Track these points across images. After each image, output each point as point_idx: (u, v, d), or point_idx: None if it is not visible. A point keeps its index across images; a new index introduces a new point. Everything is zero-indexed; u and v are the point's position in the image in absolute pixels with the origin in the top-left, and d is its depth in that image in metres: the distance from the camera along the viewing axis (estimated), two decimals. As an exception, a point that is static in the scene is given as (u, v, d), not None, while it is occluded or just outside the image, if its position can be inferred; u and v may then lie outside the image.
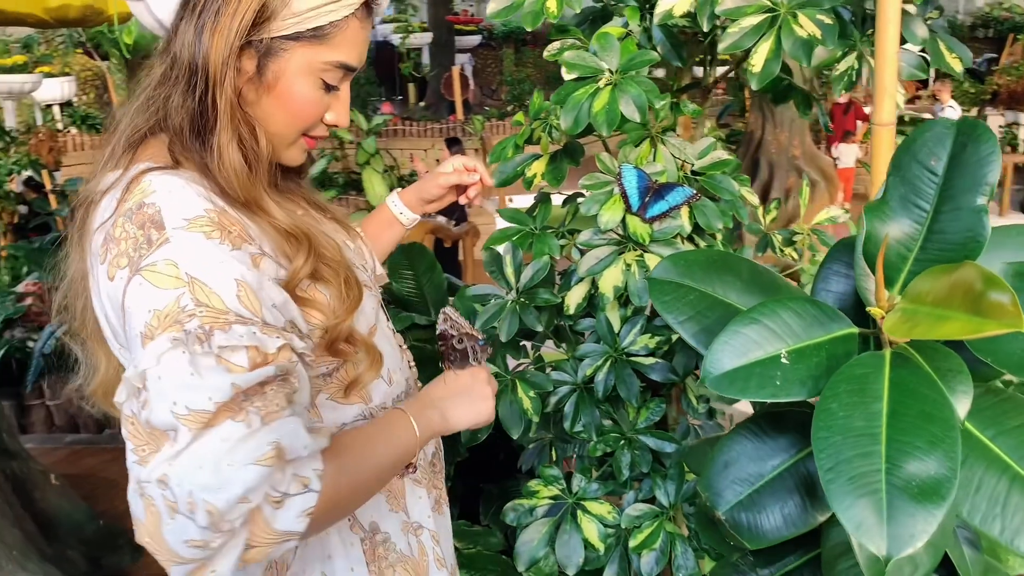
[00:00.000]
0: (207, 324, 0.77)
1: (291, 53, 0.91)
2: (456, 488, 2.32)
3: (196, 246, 0.81)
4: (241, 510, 0.75)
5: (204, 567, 0.76)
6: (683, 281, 0.94)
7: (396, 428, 0.97)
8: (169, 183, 0.85)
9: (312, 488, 0.80)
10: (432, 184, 1.25)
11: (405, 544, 1.07)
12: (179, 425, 0.74)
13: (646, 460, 1.33)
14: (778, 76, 1.36)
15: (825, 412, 0.72)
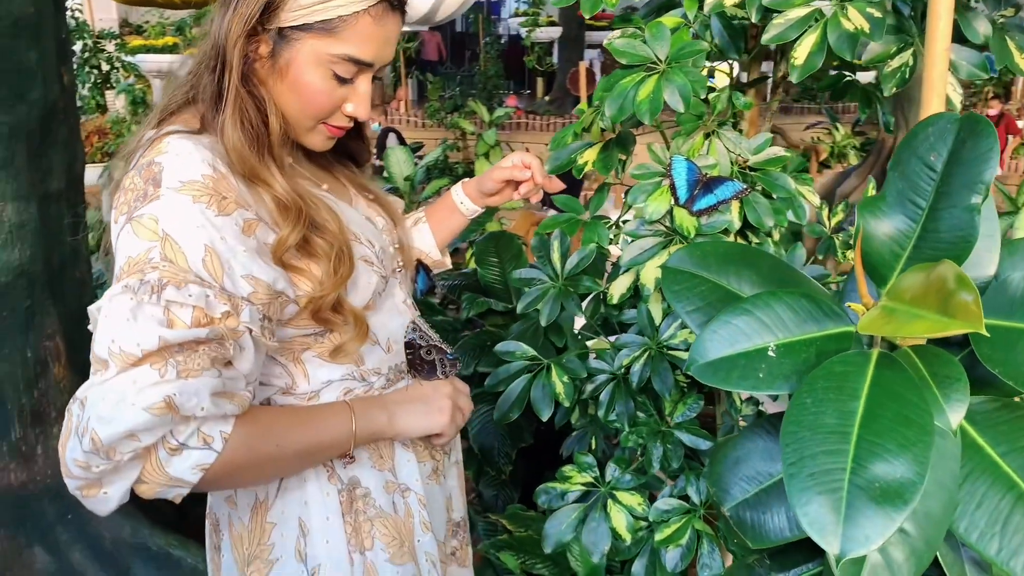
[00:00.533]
0: (165, 278, 0.85)
1: (302, 43, 0.96)
2: (518, 472, 2.35)
3: (180, 207, 0.88)
4: (129, 446, 0.82)
5: (96, 487, 0.85)
6: (697, 271, 0.93)
7: (333, 418, 1.02)
8: (181, 146, 0.92)
9: (213, 447, 0.87)
10: (488, 178, 1.29)
11: (388, 502, 1.10)
12: (110, 360, 0.83)
13: (678, 455, 1.32)
14: (839, 73, 1.32)
15: (798, 406, 0.70)
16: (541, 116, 10.54)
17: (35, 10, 1.96)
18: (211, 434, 0.87)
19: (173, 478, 0.85)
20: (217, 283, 0.88)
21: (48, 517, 2.14)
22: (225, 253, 0.89)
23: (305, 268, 0.97)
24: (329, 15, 0.95)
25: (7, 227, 2.00)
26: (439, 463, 1.21)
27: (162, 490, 0.87)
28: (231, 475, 0.92)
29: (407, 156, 5.11)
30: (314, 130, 1.05)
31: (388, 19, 0.99)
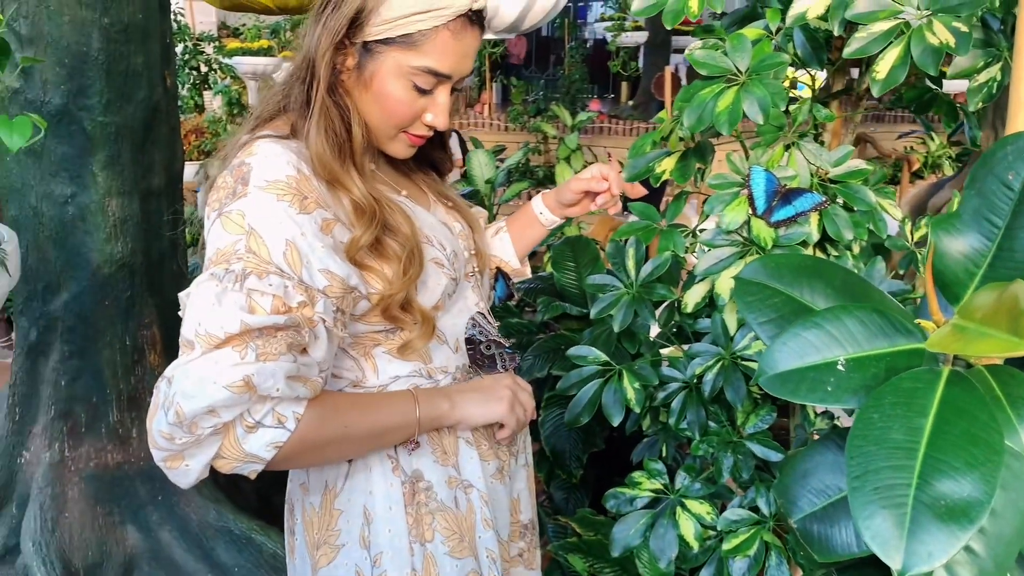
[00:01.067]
0: (248, 268, 0.92)
1: (385, 55, 1.02)
2: (589, 476, 2.37)
3: (265, 204, 0.95)
4: (210, 421, 0.89)
5: (179, 459, 0.92)
6: (770, 283, 0.94)
7: (397, 403, 1.07)
8: (270, 149, 1.00)
9: (286, 427, 0.93)
10: (567, 189, 1.32)
11: (450, 497, 1.14)
12: (195, 342, 0.90)
13: (748, 466, 1.32)
14: (924, 86, 1.30)
15: (864, 420, 0.71)
16: (624, 120, 10.48)
17: (143, 16, 2.08)
18: (285, 414, 0.93)
19: (249, 454, 0.92)
20: (296, 275, 0.95)
21: (140, 497, 2.26)
22: (304, 248, 0.95)
23: (377, 267, 1.03)
24: (410, 29, 1.00)
25: (111, 221, 2.12)
26: (504, 463, 1.23)
27: (238, 465, 0.93)
28: (302, 453, 0.97)
29: (488, 159, 5.17)
30: (396, 138, 1.10)
31: (466, 33, 1.04)
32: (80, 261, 2.13)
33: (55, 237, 2.11)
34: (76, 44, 1.97)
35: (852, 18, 1.06)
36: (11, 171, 2.09)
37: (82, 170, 2.07)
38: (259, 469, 0.95)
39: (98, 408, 2.23)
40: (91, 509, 2.21)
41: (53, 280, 2.15)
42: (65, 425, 2.22)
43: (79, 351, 2.19)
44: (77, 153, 2.05)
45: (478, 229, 1.29)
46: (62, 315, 2.16)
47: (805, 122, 1.32)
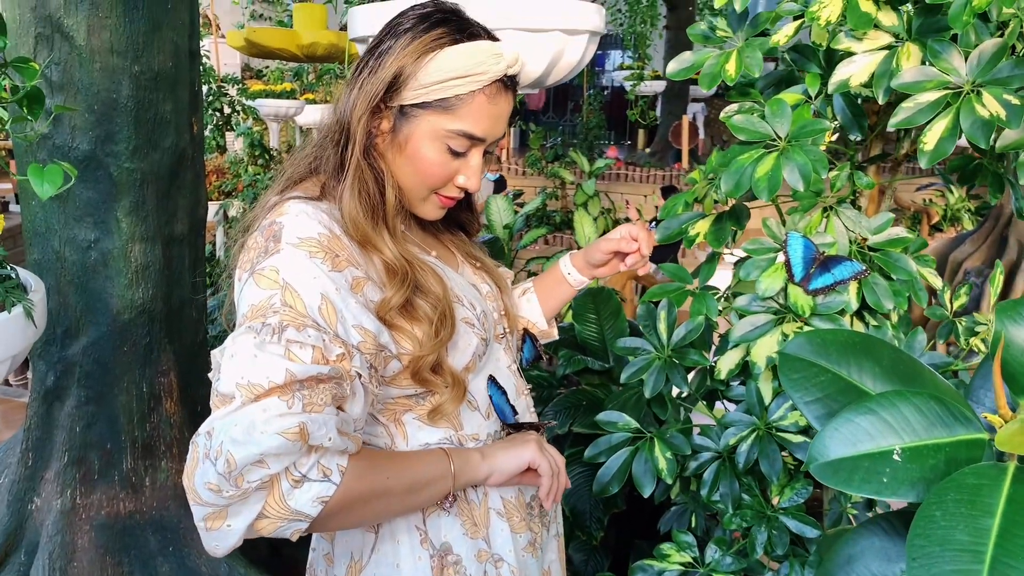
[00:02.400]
0: (285, 321, 0.91)
1: (420, 119, 1.03)
2: (609, 539, 2.31)
3: (298, 260, 0.95)
4: (258, 474, 0.85)
5: (220, 518, 0.87)
6: (816, 360, 0.90)
7: (431, 457, 1.04)
8: (301, 209, 1.00)
9: (332, 480, 0.90)
10: (596, 250, 1.29)
11: (479, 571, 1.11)
12: (236, 393, 0.86)
13: (783, 542, 1.27)
14: (968, 155, 1.28)
15: (926, 519, 0.67)
16: (642, 167, 10.53)
17: (173, 64, 2.09)
18: (330, 467, 0.90)
19: (294, 511, 0.88)
20: (332, 329, 0.93)
21: (151, 548, 2.21)
22: (338, 303, 0.94)
23: (408, 328, 1.02)
24: (447, 94, 1.01)
25: (133, 267, 2.11)
26: (537, 535, 1.20)
27: (282, 525, 0.89)
28: (346, 509, 0.93)
29: (507, 204, 5.16)
30: (428, 200, 1.10)
31: (501, 97, 1.05)
32: (100, 306, 2.11)
33: (76, 282, 2.09)
34: (106, 91, 1.98)
35: (898, 87, 1.04)
36: (36, 215, 2.09)
37: (106, 216, 2.06)
38: (303, 528, 0.90)
39: (112, 455, 2.20)
40: (100, 559, 2.17)
41: (72, 325, 2.13)
42: (78, 472, 2.19)
43: (96, 397, 2.17)
44: (102, 199, 2.05)
45: (506, 289, 1.27)
46: (80, 360, 2.14)
47: (844, 188, 1.30)
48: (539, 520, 1.21)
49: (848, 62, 1.14)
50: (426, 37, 1.02)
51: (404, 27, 1.04)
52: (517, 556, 1.14)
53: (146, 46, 2.01)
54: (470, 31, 1.04)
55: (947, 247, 5.74)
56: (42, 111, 1.32)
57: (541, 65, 1.79)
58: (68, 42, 1.95)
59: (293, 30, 3.60)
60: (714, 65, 1.27)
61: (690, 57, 1.32)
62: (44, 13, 1.93)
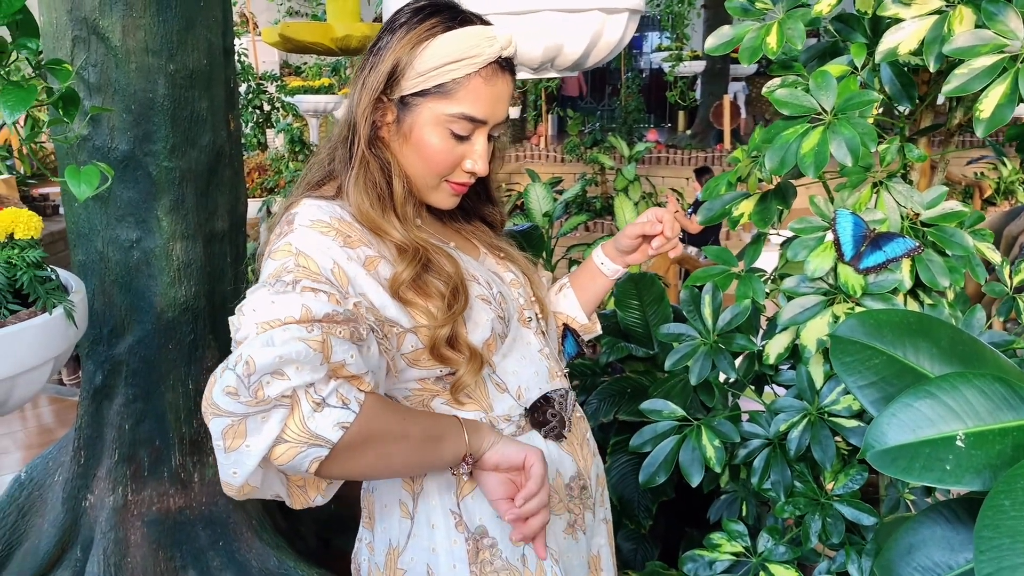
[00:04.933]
0: (299, 277, 0.93)
1: (421, 107, 1.06)
2: (659, 527, 2.27)
3: (311, 236, 0.99)
4: (277, 386, 0.83)
5: (239, 435, 0.84)
6: (870, 342, 0.86)
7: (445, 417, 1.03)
8: (314, 203, 1.04)
9: (351, 408, 0.88)
10: (623, 236, 1.27)
11: (516, 555, 1.10)
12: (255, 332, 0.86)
13: (838, 530, 1.23)
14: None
15: (994, 508, 0.63)
16: (682, 150, 10.39)
17: (207, 63, 2.09)
18: (348, 396, 0.89)
19: (315, 434, 0.86)
20: (344, 288, 0.96)
21: (201, 542, 2.23)
22: (349, 270, 0.98)
23: (422, 304, 1.03)
24: (444, 79, 1.04)
25: (175, 265, 2.13)
26: (578, 516, 1.19)
27: (303, 451, 0.86)
28: (365, 443, 0.91)
29: (546, 192, 5.13)
30: (438, 188, 1.12)
31: (498, 79, 1.07)
32: (144, 305, 2.13)
33: (120, 281, 2.12)
34: (143, 91, 1.99)
35: (951, 53, 0.99)
36: (79, 216, 2.11)
37: (147, 215, 2.08)
38: (323, 456, 0.88)
39: (161, 452, 2.22)
40: (153, 554, 2.20)
41: (118, 324, 2.15)
42: (128, 469, 2.21)
43: (143, 394, 2.19)
44: (142, 198, 2.06)
45: (535, 280, 1.27)
46: (127, 359, 2.17)
47: (894, 162, 1.24)
48: (579, 501, 1.19)
49: (896, 29, 1.08)
50: (420, 28, 1.05)
51: (400, 22, 1.07)
52: (555, 538, 1.14)
53: (180, 45, 2.01)
54: (462, 17, 1.07)
55: (1002, 221, 5.57)
56: (77, 112, 1.32)
57: (581, 46, 1.75)
58: (104, 43, 1.96)
59: (326, 24, 3.61)
60: (754, 39, 1.23)
61: (729, 31, 1.27)
62: (80, 15, 1.95)
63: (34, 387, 1.16)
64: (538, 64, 1.69)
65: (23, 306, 1.15)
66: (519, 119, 11.76)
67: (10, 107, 1.18)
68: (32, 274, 1.15)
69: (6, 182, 3.73)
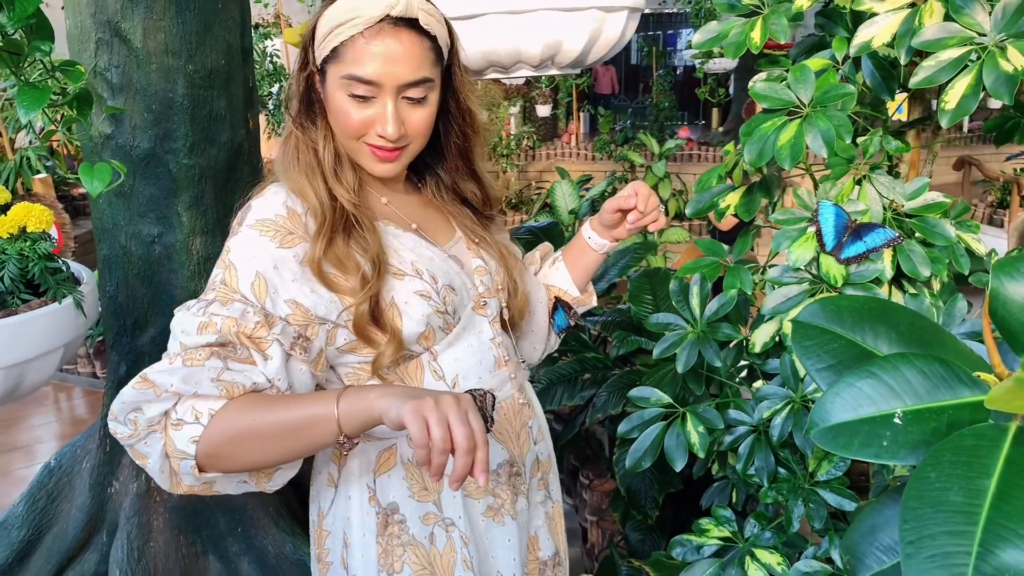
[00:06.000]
0: (219, 297, 1.03)
1: (328, 75, 1.11)
2: (666, 518, 2.30)
3: (247, 240, 1.06)
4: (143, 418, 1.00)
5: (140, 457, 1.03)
6: (830, 327, 0.89)
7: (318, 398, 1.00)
8: (274, 189, 1.12)
9: (200, 422, 0.98)
10: (604, 211, 1.29)
11: (424, 533, 1.17)
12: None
13: (821, 515, 1.25)
14: (1005, 114, 1.23)
15: (920, 480, 0.65)
16: (715, 147, 10.33)
17: (226, 62, 2.16)
18: (201, 411, 0.99)
19: (180, 450, 0.99)
20: (260, 303, 1.04)
21: (221, 528, 2.30)
22: (273, 279, 1.05)
23: (343, 282, 1.08)
24: (335, 43, 1.07)
25: (195, 260, 2.20)
26: (504, 501, 1.23)
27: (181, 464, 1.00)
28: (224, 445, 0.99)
29: (572, 189, 5.15)
30: (359, 152, 1.14)
31: (387, 38, 1.06)
32: (166, 298, 2.20)
33: (143, 275, 2.19)
34: (163, 91, 2.06)
35: (919, 46, 1.01)
36: (103, 212, 2.19)
37: (168, 211, 2.15)
38: (193, 466, 1.00)
39: (182, 440, 2.30)
40: (175, 539, 2.27)
41: (141, 316, 2.23)
42: (151, 456, 2.29)
43: (165, 385, 2.27)
44: (163, 195, 2.14)
45: (511, 264, 1.29)
46: (149, 350, 2.24)
47: (877, 154, 1.26)
48: (509, 487, 1.23)
49: (870, 23, 1.10)
50: (326, 3, 1.10)
51: None
52: (471, 521, 1.19)
53: (199, 45, 2.08)
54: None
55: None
56: (90, 112, 1.38)
57: (579, 44, 1.78)
58: (126, 45, 2.03)
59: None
60: (739, 34, 1.26)
61: (716, 27, 1.30)
62: (103, 18, 2.02)
63: (45, 373, 1.22)
64: (538, 62, 1.73)
65: (35, 296, 1.22)
66: (550, 117, 11.77)
67: (26, 106, 1.24)
68: (43, 265, 1.21)
69: (43, 181, 3.84)
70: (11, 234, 1.17)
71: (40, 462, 3.53)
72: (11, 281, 1.17)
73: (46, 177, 4.00)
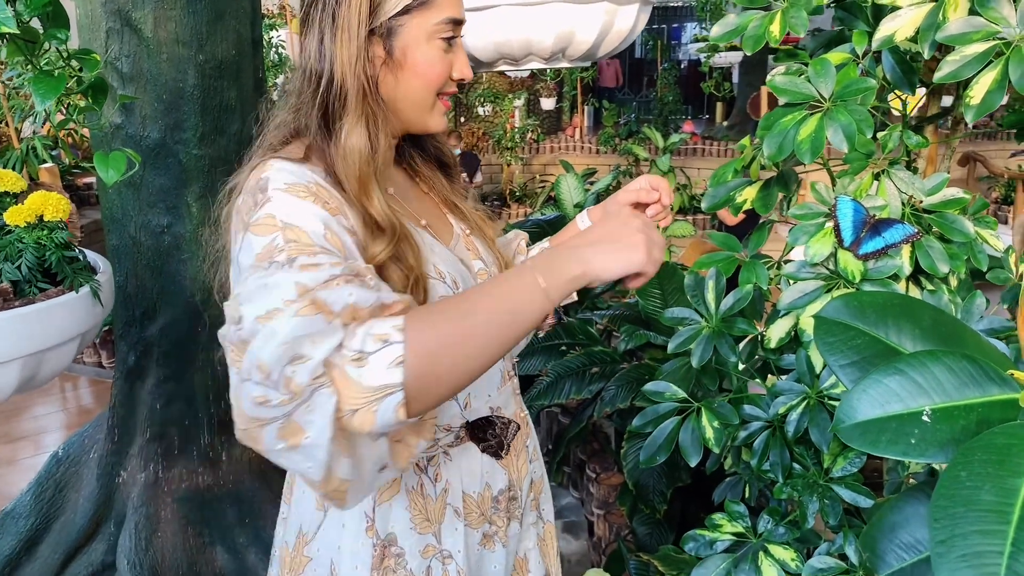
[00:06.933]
0: (293, 254, 0.84)
1: (407, 27, 1.00)
2: (674, 512, 2.30)
3: (290, 202, 0.90)
4: (304, 370, 0.76)
5: (294, 433, 0.77)
6: (853, 323, 0.89)
7: (515, 279, 0.89)
8: (285, 165, 0.95)
9: (393, 340, 0.78)
10: (614, 201, 1.25)
11: (422, 567, 1.10)
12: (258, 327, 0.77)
13: (836, 512, 1.25)
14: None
15: (951, 479, 0.65)
16: (719, 141, 10.32)
17: (236, 53, 2.15)
18: (383, 332, 0.79)
19: (376, 387, 0.77)
20: (341, 254, 0.89)
21: (228, 519, 2.31)
22: (340, 233, 0.91)
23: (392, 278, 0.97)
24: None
25: (205, 250, 2.19)
26: (499, 529, 1.19)
27: (379, 409, 0.78)
28: (431, 362, 0.80)
29: (578, 182, 5.14)
30: (433, 108, 1.07)
31: None
32: (175, 288, 2.20)
33: (152, 265, 2.19)
34: (173, 81, 2.06)
35: (943, 40, 1.00)
36: (112, 202, 2.19)
37: (178, 201, 2.15)
38: (400, 401, 0.78)
39: (190, 431, 2.30)
40: (183, 530, 2.28)
41: (150, 307, 2.23)
42: (159, 447, 2.29)
43: (173, 375, 2.27)
44: (173, 185, 2.13)
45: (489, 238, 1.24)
46: (158, 340, 2.25)
47: (896, 149, 1.25)
48: (504, 513, 1.19)
49: (893, 16, 1.10)
50: None
51: None
52: (468, 554, 1.13)
53: (209, 36, 2.08)
54: None
55: (1042, 213, 5.46)
56: (105, 100, 1.38)
57: (591, 36, 1.78)
58: (136, 35, 2.03)
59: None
60: (758, 27, 1.24)
61: (734, 20, 1.29)
62: (114, 7, 2.02)
63: (62, 362, 1.22)
64: (549, 54, 1.72)
65: (52, 285, 1.22)
66: (555, 110, 11.75)
67: (42, 95, 1.24)
68: (60, 254, 1.21)
69: (49, 171, 3.84)
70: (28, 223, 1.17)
71: (46, 452, 3.54)
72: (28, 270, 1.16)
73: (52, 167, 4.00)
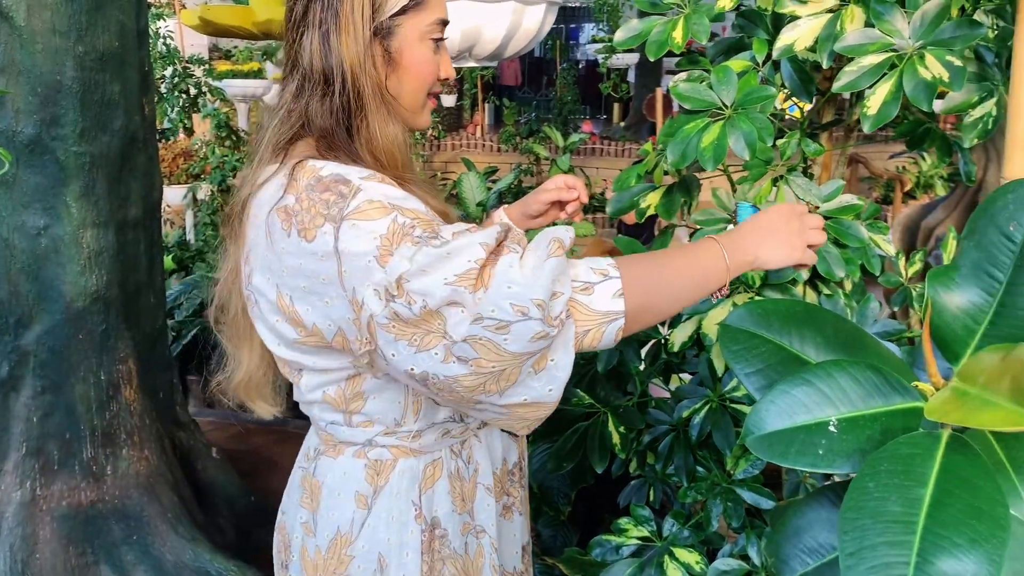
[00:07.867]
0: (427, 229, 0.89)
1: (402, 27, 1.02)
2: (578, 514, 2.30)
3: (380, 187, 0.93)
4: (560, 302, 0.87)
5: (543, 359, 0.88)
6: (758, 331, 0.89)
7: (703, 251, 1.00)
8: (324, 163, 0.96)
9: (611, 276, 0.91)
10: (534, 200, 1.29)
11: (461, 543, 1.13)
12: (457, 289, 0.85)
13: (738, 514, 1.26)
14: (916, 119, 1.26)
15: (859, 490, 0.66)
16: (616, 142, 10.48)
17: (119, 44, 2.03)
18: (602, 267, 0.91)
19: (604, 311, 0.90)
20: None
21: (114, 536, 2.18)
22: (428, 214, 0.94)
23: None
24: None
25: (86, 253, 2.07)
26: (515, 499, 1.21)
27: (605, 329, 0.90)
28: (643, 295, 0.93)
29: (480, 181, 5.12)
30: (424, 107, 1.10)
31: None
32: (53, 294, 2.07)
33: (27, 270, 2.05)
34: (49, 73, 1.93)
35: (841, 51, 1.02)
36: (-18, 202, 2.04)
37: (55, 201, 2.01)
38: (621, 325, 0.91)
39: (71, 445, 2.16)
40: (64, 549, 2.14)
41: (25, 313, 2.08)
42: (37, 462, 2.15)
43: (52, 386, 2.13)
44: (50, 184, 2.00)
45: None
46: (34, 349, 2.10)
47: (794, 155, 1.28)
48: (518, 483, 1.22)
49: (792, 26, 1.11)
50: None
51: None
52: (498, 526, 1.17)
53: (89, 26, 1.95)
54: None
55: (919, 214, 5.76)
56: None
57: (498, 35, 1.76)
58: (8, 23, 1.89)
59: (247, 7, 3.52)
60: (661, 33, 1.25)
61: (637, 25, 1.29)
62: (-19, -6, 1.87)
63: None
64: (456, 52, 1.69)
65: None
66: (455, 107, 11.71)
67: None
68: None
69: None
70: None
71: (-90, 468, 3.28)
72: None
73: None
